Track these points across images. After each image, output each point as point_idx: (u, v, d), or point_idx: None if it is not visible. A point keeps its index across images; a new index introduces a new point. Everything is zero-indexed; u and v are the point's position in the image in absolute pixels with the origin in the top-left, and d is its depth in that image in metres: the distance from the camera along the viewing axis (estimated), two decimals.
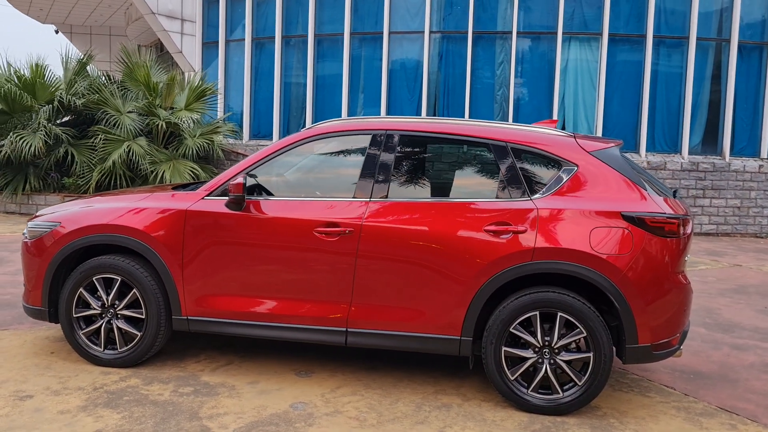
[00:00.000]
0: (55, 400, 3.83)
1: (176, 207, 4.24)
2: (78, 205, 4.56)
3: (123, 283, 4.31)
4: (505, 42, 13.07)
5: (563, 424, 3.77)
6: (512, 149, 4.04)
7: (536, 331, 3.85)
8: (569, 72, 13.00)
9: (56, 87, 12.03)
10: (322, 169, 4.69)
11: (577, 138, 4.10)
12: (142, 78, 11.81)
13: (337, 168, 4.63)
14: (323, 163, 4.67)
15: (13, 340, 4.87)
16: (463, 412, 3.88)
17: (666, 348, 3.88)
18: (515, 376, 3.89)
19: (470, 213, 3.94)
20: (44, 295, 4.41)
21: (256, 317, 4.15)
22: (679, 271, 3.92)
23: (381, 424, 3.68)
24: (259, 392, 4.06)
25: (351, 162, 4.35)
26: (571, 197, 3.91)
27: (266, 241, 4.11)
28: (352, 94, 14.01)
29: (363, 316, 4.03)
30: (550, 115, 12.96)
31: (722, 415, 4.02)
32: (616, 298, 3.76)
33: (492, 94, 13.25)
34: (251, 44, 14.86)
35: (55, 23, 23.85)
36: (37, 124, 11.35)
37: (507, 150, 4.04)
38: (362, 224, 4.00)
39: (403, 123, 4.26)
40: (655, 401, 4.19)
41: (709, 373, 4.79)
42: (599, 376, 3.80)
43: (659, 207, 3.84)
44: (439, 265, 3.92)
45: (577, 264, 3.77)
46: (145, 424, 3.55)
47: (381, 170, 4.11)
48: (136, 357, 4.32)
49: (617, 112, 12.96)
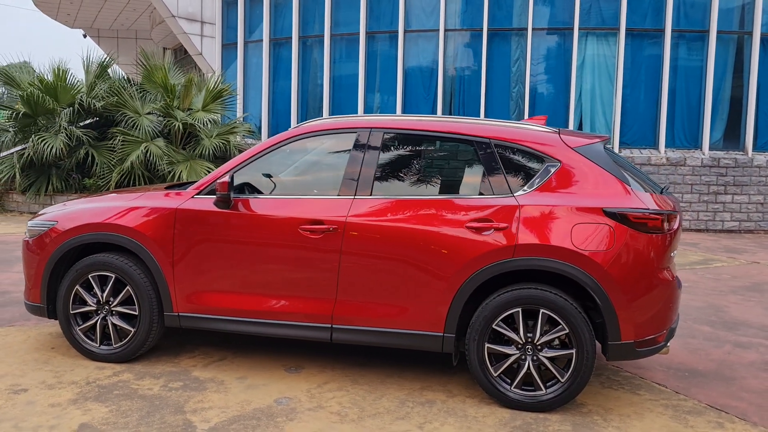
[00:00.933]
0: (48, 393, 3.94)
1: (166, 206, 4.33)
2: (75, 205, 4.68)
3: (117, 281, 4.41)
4: (521, 39, 12.99)
5: (545, 421, 3.76)
6: (495, 146, 4.04)
7: (519, 327, 3.85)
8: (586, 68, 12.87)
9: (77, 90, 12.30)
10: (309, 167, 4.73)
11: (561, 134, 4.08)
12: (160, 80, 12.01)
13: (323, 166, 4.67)
14: (310, 161, 4.72)
15: (17, 336, 5.01)
16: (445, 408, 3.89)
17: (651, 345, 3.84)
18: (498, 373, 3.89)
19: (452, 210, 3.95)
20: (43, 293, 4.54)
21: (244, 314, 4.22)
22: (665, 267, 3.88)
23: (361, 419, 3.71)
24: (247, 387, 4.12)
25: (337, 160, 4.39)
26: (553, 193, 3.89)
27: (253, 238, 4.18)
28: (368, 94, 14.06)
29: (347, 313, 4.07)
30: (566, 112, 12.85)
31: (710, 413, 3.96)
32: (598, 294, 3.74)
33: (508, 91, 13.18)
34: (269, 45, 15.00)
35: (83, 28, 24.35)
36: (58, 126, 11.62)
37: (490, 147, 4.05)
38: (346, 221, 4.04)
39: (387, 121, 4.29)
40: (644, 399, 4.15)
41: (706, 371, 4.73)
42: (582, 373, 3.78)
43: (642, 203, 3.81)
44: (421, 261, 3.94)
45: (558, 260, 3.76)
46: (130, 418, 3.64)
47: (365, 168, 4.14)
48: (130, 352, 4.42)
49: (636, 108, 12.79)
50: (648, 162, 12.41)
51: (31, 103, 11.67)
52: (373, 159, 4.15)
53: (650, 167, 12.39)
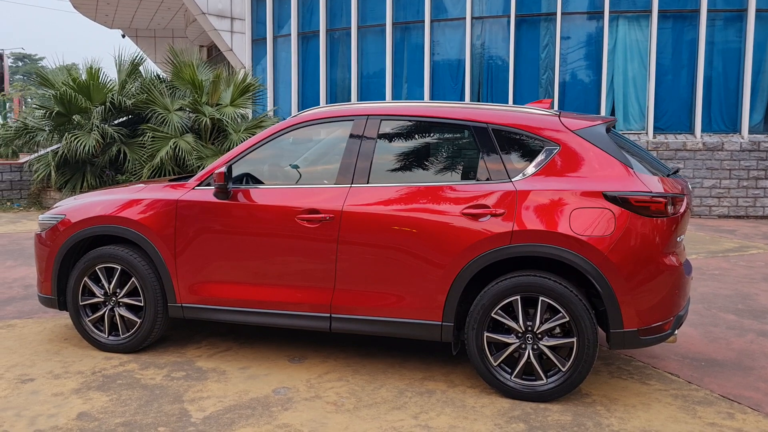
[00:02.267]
0: (54, 383, 4.02)
1: (168, 197, 4.37)
2: (84, 198, 4.75)
3: (123, 272, 4.47)
4: (550, 24, 12.73)
5: (545, 411, 3.67)
6: (493, 130, 3.95)
7: (518, 316, 3.76)
8: (618, 52, 12.53)
9: (110, 89, 12.54)
10: (308, 156, 4.71)
11: (561, 116, 3.96)
12: (188, 76, 12.16)
13: (321, 155, 4.64)
14: (309, 150, 4.69)
15: (33, 328, 5.14)
16: (444, 398, 3.83)
17: (656, 333, 3.70)
18: (498, 362, 3.81)
19: (449, 196, 3.88)
20: (53, 285, 4.63)
21: (244, 304, 4.22)
22: (670, 252, 3.73)
23: (357, 409, 3.68)
24: (248, 377, 4.13)
25: (334, 148, 4.35)
26: (552, 178, 3.78)
27: (251, 228, 4.18)
28: (396, 84, 13.98)
29: (346, 302, 4.04)
30: (598, 98, 12.55)
31: (722, 403, 3.81)
32: (598, 281, 3.62)
33: (537, 78, 12.93)
34: (297, 39, 15.05)
35: (121, 28, 24.86)
36: (91, 124, 11.88)
37: (488, 131, 3.95)
38: (342, 210, 4.00)
39: (383, 107, 4.23)
40: (653, 389, 4.01)
41: (724, 360, 4.55)
42: (583, 362, 3.67)
43: (645, 185, 3.66)
44: (418, 249, 3.87)
45: (557, 246, 3.65)
46: (129, 407, 3.68)
47: (362, 156, 4.10)
48: (137, 343, 4.48)
49: (670, 92, 12.40)
50: (683, 147, 12.04)
51: (65, 102, 11.94)
52: (370, 147, 4.10)
53: (686, 152, 12.02)
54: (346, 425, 3.48)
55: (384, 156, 4.15)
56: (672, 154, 12.08)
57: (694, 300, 6.12)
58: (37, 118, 12.68)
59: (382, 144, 4.14)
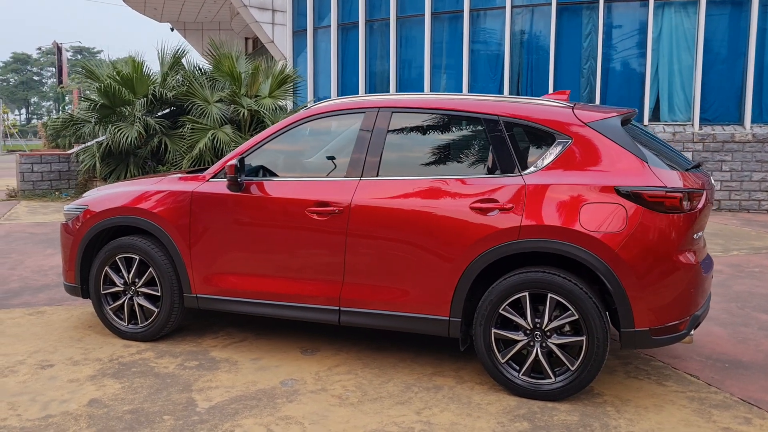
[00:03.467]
0: (72, 369, 4.14)
1: (183, 189, 4.43)
2: (107, 189, 4.87)
3: (141, 263, 4.56)
4: (592, 11, 12.41)
5: (552, 410, 3.59)
6: (505, 123, 3.86)
7: (526, 312, 3.68)
8: (663, 40, 12.14)
9: (152, 81, 12.81)
10: (320, 148, 4.70)
11: (575, 109, 3.84)
12: (227, 68, 12.31)
13: (332, 147, 4.62)
14: (320, 142, 4.68)
15: (61, 315, 5.30)
16: (451, 395, 3.79)
17: (669, 333, 3.58)
18: (506, 359, 3.75)
19: (458, 190, 3.82)
20: (77, 273, 4.76)
21: (256, 295, 4.26)
22: (685, 250, 3.59)
23: (361, 403, 3.67)
24: (258, 368, 4.17)
25: (345, 141, 4.33)
26: (563, 172, 3.68)
27: (262, 221, 4.20)
28: (435, 75, 13.87)
29: (355, 296, 4.03)
30: (642, 87, 12.19)
31: (741, 407, 3.66)
32: (608, 278, 3.51)
33: (578, 68, 12.64)
34: (337, 30, 15.07)
35: (170, 21, 25.35)
36: (133, 116, 12.17)
37: (499, 124, 3.87)
38: (351, 203, 3.98)
39: (394, 100, 4.19)
40: (670, 390, 3.88)
41: (750, 362, 4.37)
42: (593, 361, 3.57)
43: (660, 180, 3.53)
44: (426, 243, 3.83)
45: (566, 242, 3.56)
46: (139, 394, 3.76)
47: (372, 149, 4.07)
48: (154, 331, 4.57)
49: (718, 81, 11.96)
50: (731, 139, 11.60)
51: (109, 95, 12.25)
52: (380, 139, 4.07)
53: (734, 144, 11.58)
54: (348, 419, 3.47)
55: (394, 149, 4.11)
56: (719, 146, 11.66)
57: (726, 299, 5.91)
58: (83, 110, 13.06)
59: (392, 137, 4.10)
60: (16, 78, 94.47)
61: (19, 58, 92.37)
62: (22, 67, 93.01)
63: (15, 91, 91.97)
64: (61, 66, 37.33)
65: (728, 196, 11.73)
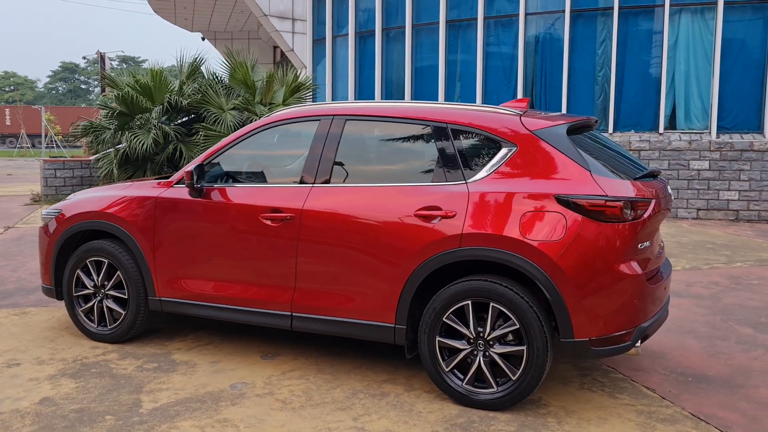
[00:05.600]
0: (36, 368, 4.26)
1: (149, 195, 4.53)
2: (81, 194, 5.01)
3: (110, 266, 4.68)
4: (607, 18, 12.24)
5: (492, 420, 3.56)
6: (452, 130, 3.86)
7: (469, 321, 3.66)
8: (679, 48, 11.90)
9: (170, 90, 13.09)
10: (276, 155, 4.75)
11: (523, 116, 3.82)
12: (240, 76, 12.51)
13: (288, 154, 4.67)
14: (281, 149, 4.73)
15: (44, 316, 5.45)
16: (395, 402, 3.78)
17: (610, 344, 3.51)
18: (450, 368, 3.73)
19: (405, 197, 3.83)
20: (52, 276, 4.90)
21: (213, 299, 4.33)
22: (629, 259, 3.53)
23: (302, 407, 3.70)
24: (214, 371, 4.23)
25: (301, 148, 4.37)
26: (506, 180, 3.66)
27: (220, 226, 4.27)
28: (449, 83, 13.86)
29: (306, 301, 4.06)
30: (657, 95, 11.96)
31: (688, 422, 3.57)
32: (547, 288, 3.47)
33: (593, 76, 12.47)
34: (354, 38, 15.19)
35: (201, 31, 25.88)
36: (150, 124, 12.45)
37: (447, 131, 3.87)
38: (302, 210, 4.03)
39: (348, 108, 4.22)
40: (620, 403, 3.81)
41: (715, 376, 4.26)
42: (533, 371, 3.53)
43: (601, 189, 3.48)
44: (372, 250, 3.85)
45: (505, 251, 3.53)
46: (90, 394, 3.85)
47: (325, 155, 4.11)
48: (121, 333, 4.68)
49: (736, 89, 11.65)
50: (750, 147, 11.30)
51: (127, 103, 12.55)
52: (332, 146, 4.11)
53: (752, 153, 11.28)
54: (284, 423, 3.50)
55: (347, 156, 4.13)
56: (737, 154, 11.36)
57: (713, 311, 5.76)
58: (104, 118, 13.40)
59: (345, 144, 4.13)
60: (64, 86, 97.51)
61: (68, 67, 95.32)
62: (70, 76, 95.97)
63: (63, 99, 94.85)
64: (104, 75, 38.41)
65: (746, 207, 11.41)
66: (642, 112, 12.16)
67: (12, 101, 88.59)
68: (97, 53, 41.31)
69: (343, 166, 4.11)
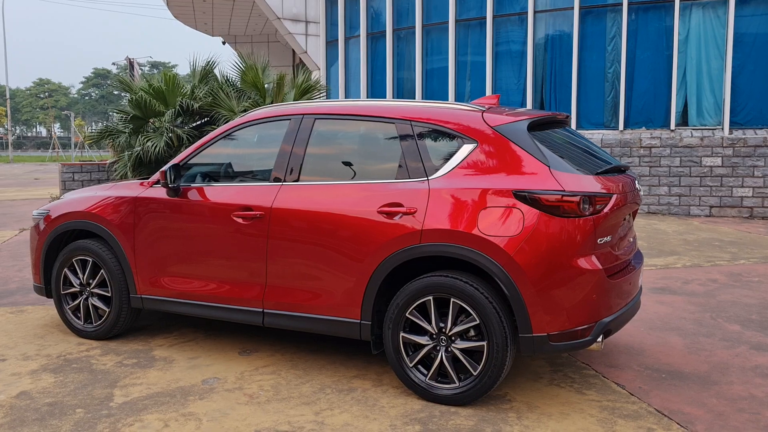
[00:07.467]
0: (20, 364, 4.39)
1: (129, 195, 4.64)
2: (69, 195, 5.15)
3: (95, 265, 4.80)
4: (617, 15, 12.13)
5: (452, 414, 3.58)
6: (414, 127, 3.89)
7: (431, 317, 3.69)
8: (691, 42, 11.74)
9: (183, 93, 13.30)
10: (250, 154, 4.82)
11: (485, 113, 3.83)
12: (250, 79, 12.66)
13: (261, 153, 4.74)
14: (252, 148, 4.81)
15: (39, 314, 5.61)
16: (360, 397, 3.82)
17: (569, 339, 3.51)
18: (413, 363, 3.76)
19: (368, 194, 3.87)
20: (41, 274, 5.05)
21: (190, 296, 4.42)
22: (589, 254, 3.52)
23: (268, 402, 3.76)
24: (190, 367, 4.31)
25: (273, 147, 4.44)
26: (466, 176, 3.68)
27: (195, 225, 4.36)
28: (459, 82, 13.85)
29: (276, 298, 4.13)
30: (668, 91, 11.81)
31: (651, 418, 3.55)
32: (505, 282, 3.48)
33: (603, 72, 12.36)
34: (366, 39, 15.26)
35: (221, 35, 26.20)
36: (162, 127, 12.67)
37: (410, 128, 3.90)
38: (272, 207, 4.09)
39: (317, 107, 4.28)
40: (586, 399, 3.80)
41: (691, 373, 4.21)
42: (492, 366, 3.54)
43: (558, 184, 3.48)
44: (338, 247, 3.90)
45: (463, 246, 3.55)
46: (66, 388, 3.96)
47: (294, 154, 4.17)
48: (105, 330, 4.79)
49: (750, 84, 11.47)
50: (763, 143, 11.08)
51: (141, 107, 12.80)
52: (302, 145, 4.17)
53: (766, 149, 11.06)
54: (246, 417, 3.57)
55: (315, 154, 4.19)
56: (750, 150, 11.16)
57: (704, 308, 5.69)
58: (119, 122, 13.68)
59: (313, 142, 4.19)
60: (96, 92, 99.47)
61: (100, 73, 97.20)
62: (102, 82, 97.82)
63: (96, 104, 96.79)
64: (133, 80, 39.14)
65: (761, 203, 11.20)
66: (653, 109, 12.01)
67: (46, 107, 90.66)
68: (126, 59, 42.10)
69: (311, 164, 4.16)
